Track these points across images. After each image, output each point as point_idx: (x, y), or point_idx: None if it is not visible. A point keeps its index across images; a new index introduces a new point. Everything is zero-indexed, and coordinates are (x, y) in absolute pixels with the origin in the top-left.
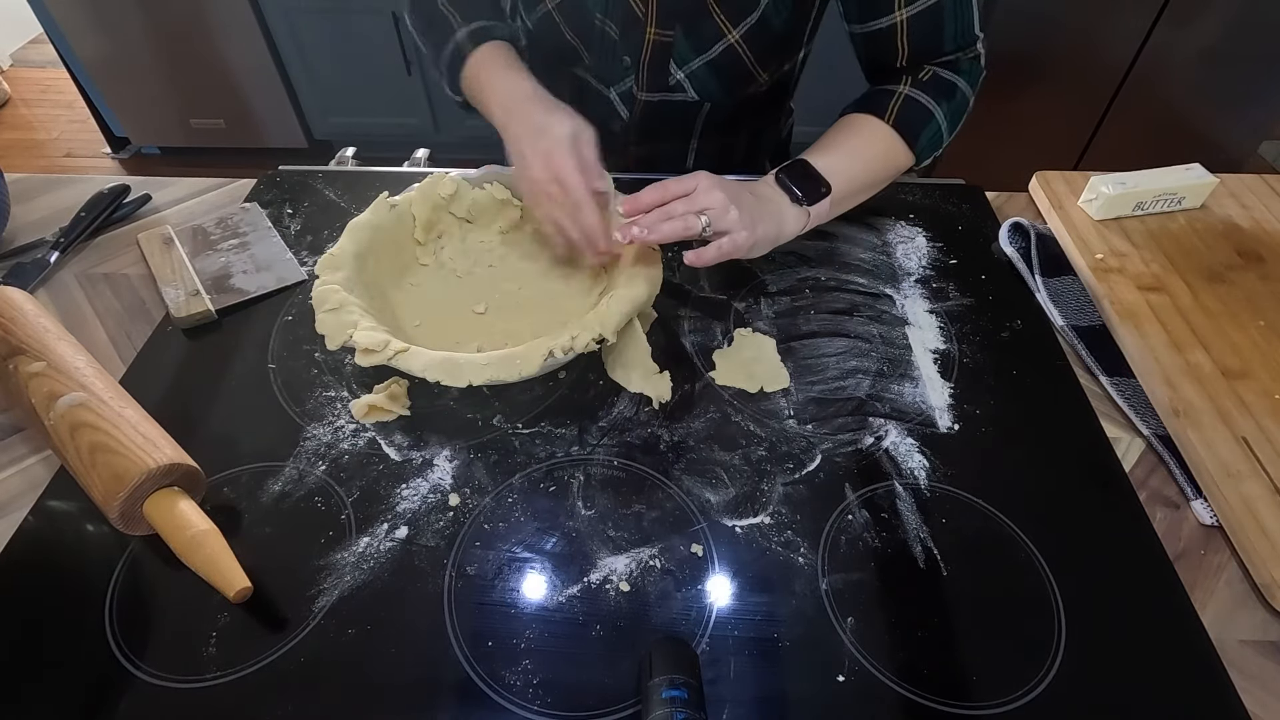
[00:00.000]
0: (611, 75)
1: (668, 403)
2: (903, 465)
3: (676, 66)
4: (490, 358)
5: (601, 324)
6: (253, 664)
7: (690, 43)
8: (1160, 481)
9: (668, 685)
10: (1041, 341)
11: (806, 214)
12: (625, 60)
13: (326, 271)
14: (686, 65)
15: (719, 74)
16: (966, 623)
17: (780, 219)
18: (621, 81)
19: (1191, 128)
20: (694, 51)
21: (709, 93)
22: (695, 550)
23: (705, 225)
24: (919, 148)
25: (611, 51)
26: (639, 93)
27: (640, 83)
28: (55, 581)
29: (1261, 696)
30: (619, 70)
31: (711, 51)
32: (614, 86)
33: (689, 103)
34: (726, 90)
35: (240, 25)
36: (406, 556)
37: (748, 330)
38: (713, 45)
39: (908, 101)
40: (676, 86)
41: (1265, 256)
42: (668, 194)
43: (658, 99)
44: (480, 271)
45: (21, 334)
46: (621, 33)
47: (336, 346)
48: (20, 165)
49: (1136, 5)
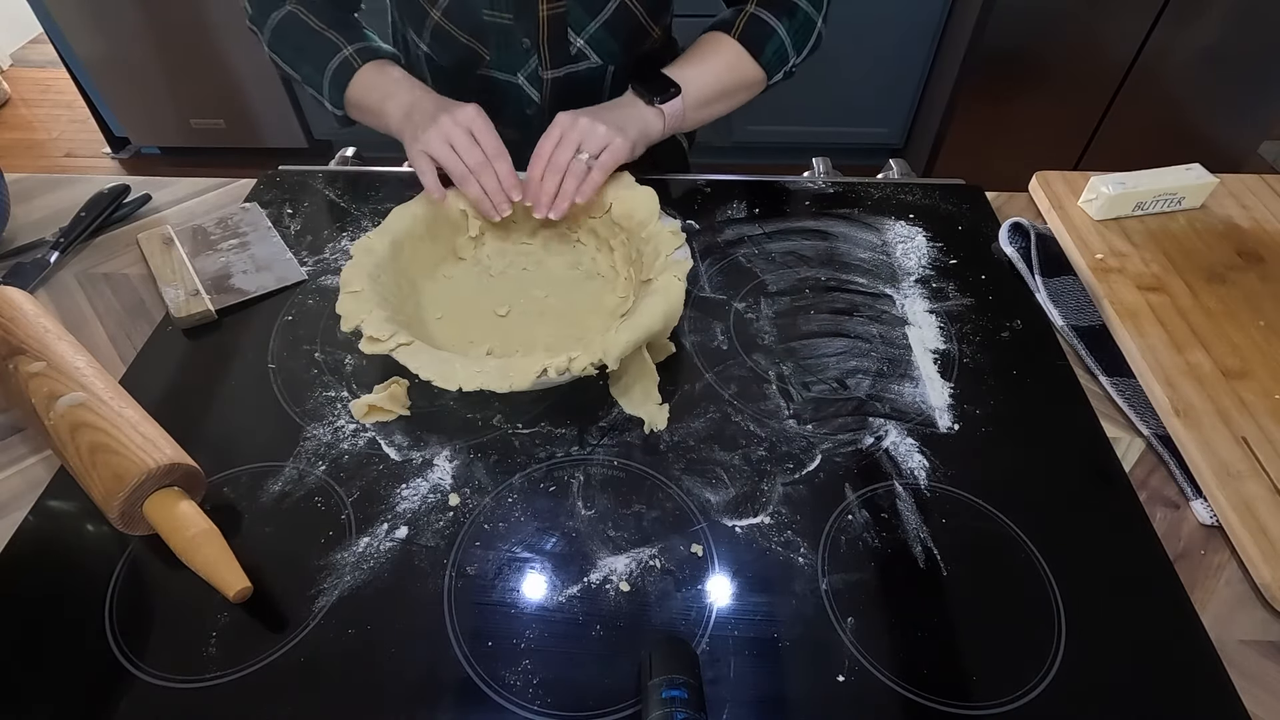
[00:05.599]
0: (514, 62)
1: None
2: (903, 465)
3: (575, 34)
4: (485, 365)
5: (605, 350)
6: (253, 664)
7: (583, 7)
8: (1160, 481)
9: (668, 685)
10: (1041, 341)
11: (662, 113)
12: (525, 42)
13: (360, 253)
14: (584, 31)
15: (615, 34)
16: (966, 623)
17: (643, 119)
18: (525, 65)
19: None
20: (588, 15)
21: (610, 54)
22: (695, 550)
23: (585, 157)
24: (764, 60)
25: (508, 38)
26: (544, 72)
27: (544, 61)
28: (55, 581)
29: (1261, 696)
30: (520, 54)
31: (605, 11)
32: (520, 72)
33: (593, 69)
34: (625, 48)
35: (240, 25)
36: (406, 556)
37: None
38: (604, 6)
39: (752, 19)
40: (579, 55)
41: (1265, 256)
42: (544, 157)
43: (563, 73)
44: (514, 273)
45: (21, 334)
46: (515, 17)
47: (349, 329)
48: (20, 165)
49: (1136, 5)
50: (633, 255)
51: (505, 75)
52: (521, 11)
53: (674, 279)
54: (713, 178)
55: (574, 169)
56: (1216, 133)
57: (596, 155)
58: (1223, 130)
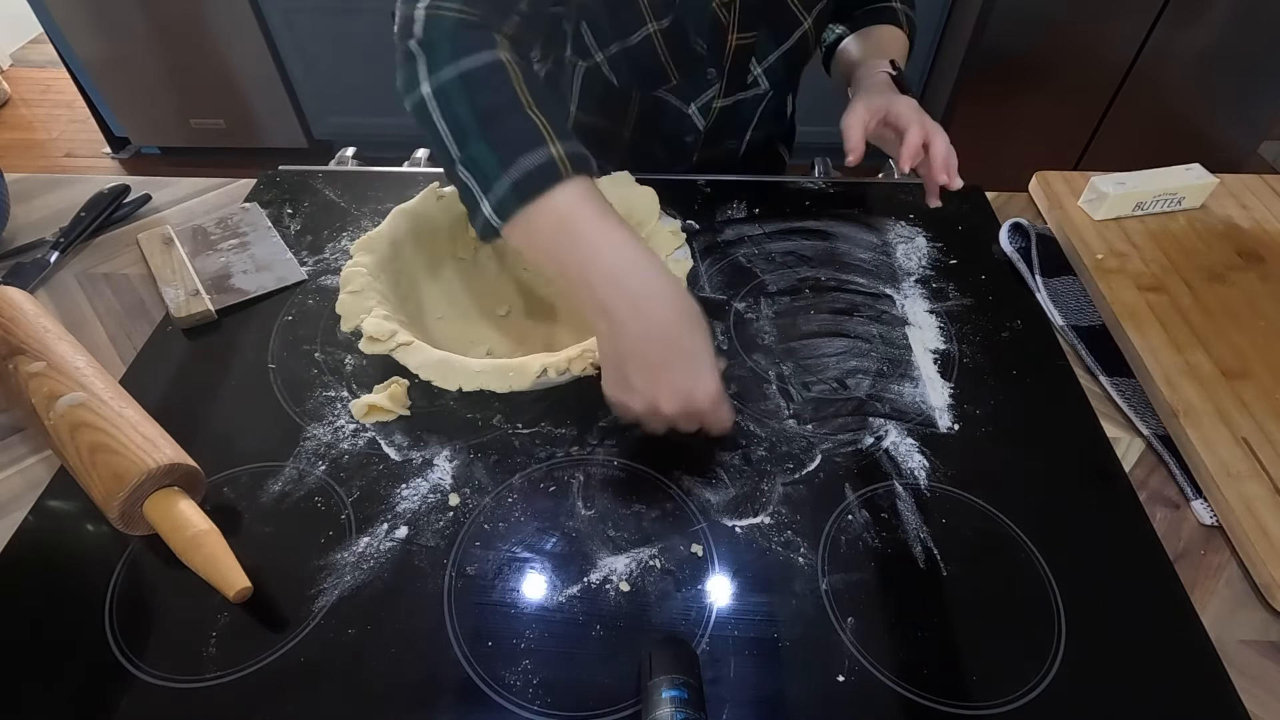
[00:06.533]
0: (695, 91)
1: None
2: (903, 465)
3: (756, 63)
4: (485, 365)
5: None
6: (253, 664)
7: (772, 37)
8: (1160, 481)
9: (668, 685)
10: (1041, 341)
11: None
12: (711, 72)
13: (360, 252)
14: (765, 60)
15: (788, 61)
16: (966, 623)
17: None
18: (703, 95)
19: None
20: (774, 44)
21: (779, 81)
22: (695, 550)
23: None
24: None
25: (698, 67)
26: (717, 101)
27: (720, 90)
28: (55, 581)
29: (1261, 696)
30: (702, 84)
31: (789, 41)
32: (694, 102)
33: (758, 96)
34: (790, 75)
35: (240, 25)
36: (406, 556)
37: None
38: (790, 35)
39: (909, 18)
40: (753, 83)
41: (1265, 256)
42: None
43: (732, 101)
44: (514, 273)
45: (21, 334)
46: (709, 46)
47: (349, 329)
48: (20, 165)
49: (1136, 5)
50: None
51: (679, 103)
52: (714, 42)
53: None
54: (713, 178)
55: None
56: (1216, 133)
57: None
58: (1223, 130)
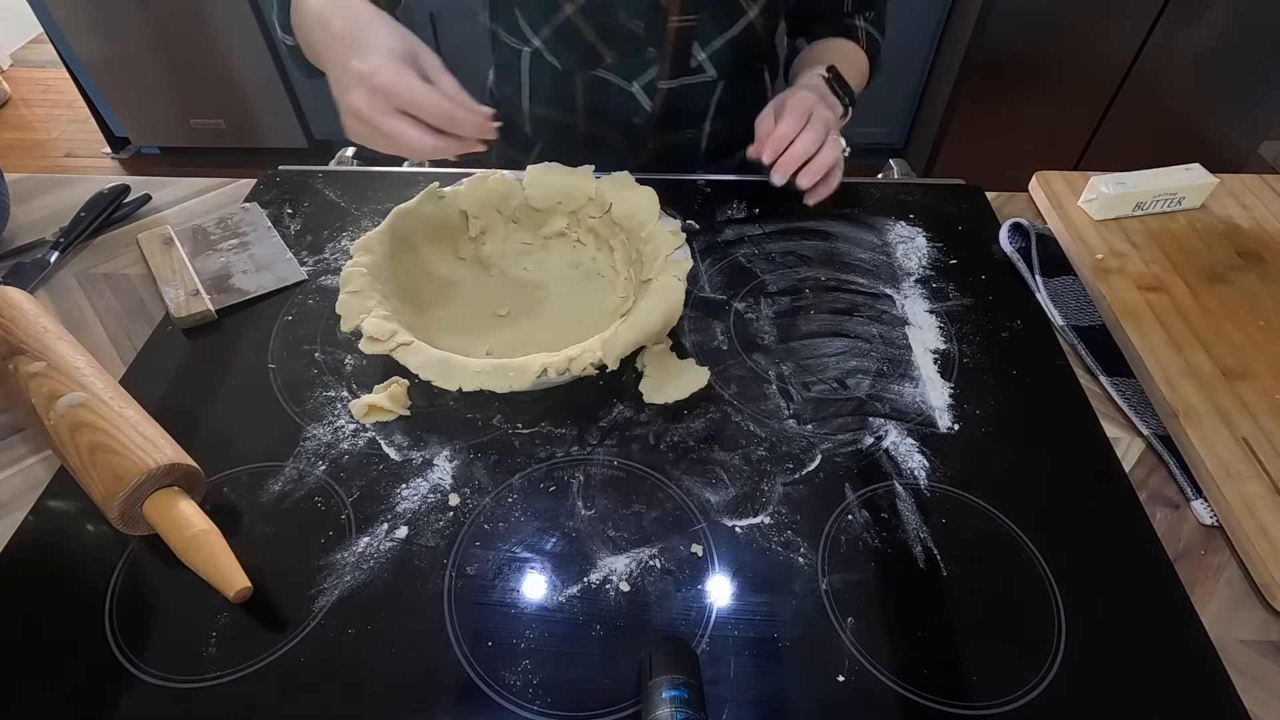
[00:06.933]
0: (634, 69)
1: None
2: (903, 465)
3: (700, 47)
4: (485, 365)
5: (605, 350)
6: (253, 664)
7: (715, 22)
8: (1160, 481)
9: (668, 685)
10: (1041, 341)
11: (847, 117)
12: (651, 51)
13: (360, 253)
14: (709, 45)
15: (735, 50)
16: (966, 623)
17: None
18: (644, 74)
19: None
20: (717, 30)
21: (725, 70)
22: (695, 550)
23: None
24: (874, 71)
25: (636, 45)
26: (661, 82)
27: (663, 71)
28: (55, 581)
29: (1261, 696)
30: (643, 63)
31: (733, 29)
32: (636, 79)
33: (706, 82)
34: (739, 65)
35: (240, 25)
36: (406, 556)
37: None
38: (734, 23)
39: (869, 35)
40: (697, 69)
41: (1265, 256)
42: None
43: (678, 84)
44: (515, 273)
45: (21, 334)
46: (645, 26)
47: (349, 329)
48: (20, 165)
49: (1136, 5)
50: (633, 255)
51: (621, 81)
52: (652, 21)
53: (674, 279)
54: (713, 178)
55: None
56: (1216, 133)
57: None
58: (1223, 130)
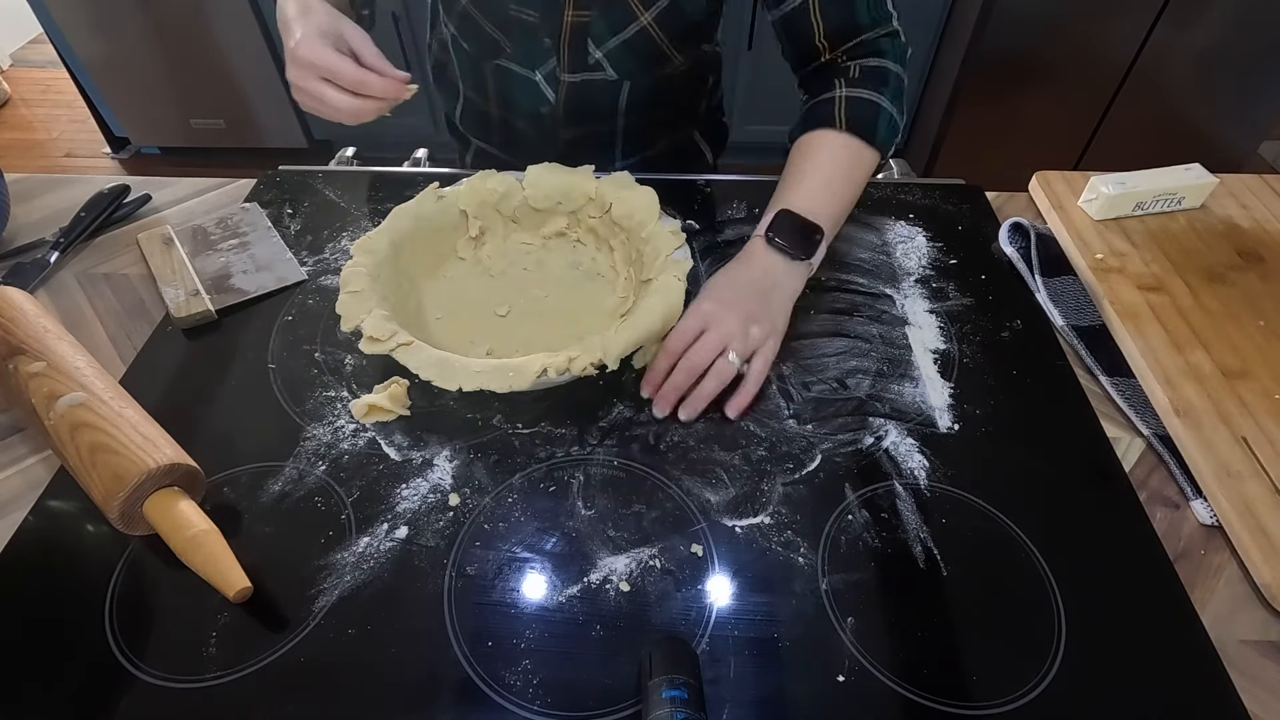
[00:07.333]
0: (534, 59)
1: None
2: (903, 465)
3: (595, 45)
4: (485, 365)
5: (605, 350)
6: (253, 664)
7: (606, 23)
8: (1160, 481)
9: (668, 685)
10: (1041, 341)
11: (809, 266)
12: (546, 42)
13: (360, 253)
14: (604, 45)
15: (635, 53)
16: (966, 623)
17: (788, 290)
18: (544, 64)
19: (1191, 128)
20: (610, 31)
21: (627, 72)
22: (695, 550)
23: (735, 359)
24: (880, 141)
25: (531, 35)
26: (562, 74)
27: (562, 63)
28: (55, 581)
29: (1261, 696)
30: (540, 53)
31: (626, 32)
32: (538, 69)
33: (610, 81)
34: (643, 69)
35: (240, 25)
36: (406, 556)
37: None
38: (626, 26)
39: (850, 102)
40: (596, 66)
41: (1265, 256)
42: (675, 354)
43: (580, 79)
44: (514, 273)
45: (21, 334)
46: (540, 16)
47: (349, 329)
48: (20, 165)
49: (1136, 5)
50: (633, 255)
51: (524, 70)
52: (547, 12)
53: (674, 279)
54: (713, 178)
55: (717, 369)
56: (1216, 133)
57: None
58: (1223, 130)
